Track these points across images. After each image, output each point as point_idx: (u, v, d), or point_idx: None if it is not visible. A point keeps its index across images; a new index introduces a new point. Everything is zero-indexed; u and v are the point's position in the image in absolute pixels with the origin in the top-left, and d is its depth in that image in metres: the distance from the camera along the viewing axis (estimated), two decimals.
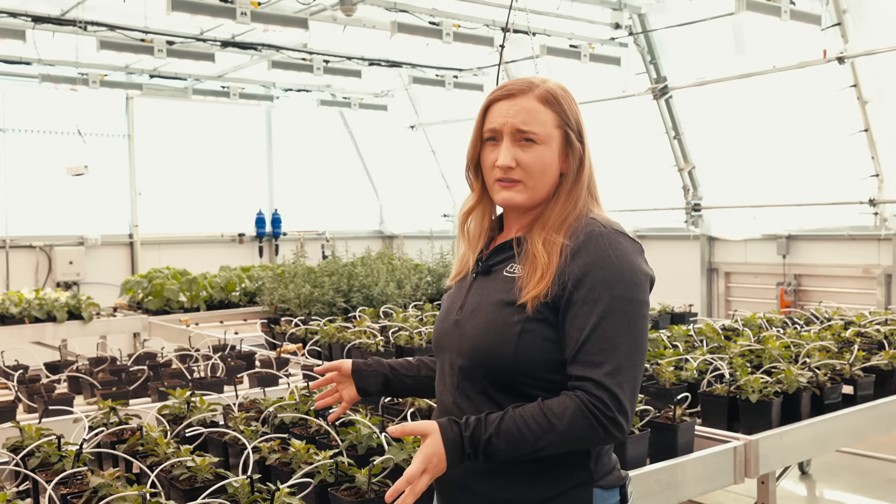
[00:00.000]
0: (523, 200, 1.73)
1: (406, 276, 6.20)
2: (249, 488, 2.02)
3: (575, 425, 1.55)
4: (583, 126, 1.76)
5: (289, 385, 3.49)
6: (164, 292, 6.57)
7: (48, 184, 10.23)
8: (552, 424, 1.55)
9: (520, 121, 1.70)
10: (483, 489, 1.68)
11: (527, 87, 1.73)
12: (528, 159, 1.70)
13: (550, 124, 1.71)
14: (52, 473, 2.26)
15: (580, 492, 1.66)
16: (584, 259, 1.62)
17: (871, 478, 5.46)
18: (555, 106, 1.72)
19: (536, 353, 1.64)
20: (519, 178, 1.71)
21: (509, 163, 1.70)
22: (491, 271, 1.77)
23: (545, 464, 1.64)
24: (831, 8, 7.27)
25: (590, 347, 1.58)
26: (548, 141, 1.71)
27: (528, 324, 1.64)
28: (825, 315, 4.89)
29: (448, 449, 1.56)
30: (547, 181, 1.73)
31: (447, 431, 1.57)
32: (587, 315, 1.59)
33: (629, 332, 1.60)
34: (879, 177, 7.69)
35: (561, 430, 1.55)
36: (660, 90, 8.89)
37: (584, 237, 1.65)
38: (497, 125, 1.72)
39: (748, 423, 2.91)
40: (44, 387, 3.61)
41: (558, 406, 1.57)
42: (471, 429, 1.56)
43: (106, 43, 7.69)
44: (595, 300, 1.59)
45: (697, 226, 9.25)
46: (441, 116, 11.46)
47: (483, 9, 8.04)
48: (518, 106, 1.71)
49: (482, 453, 1.56)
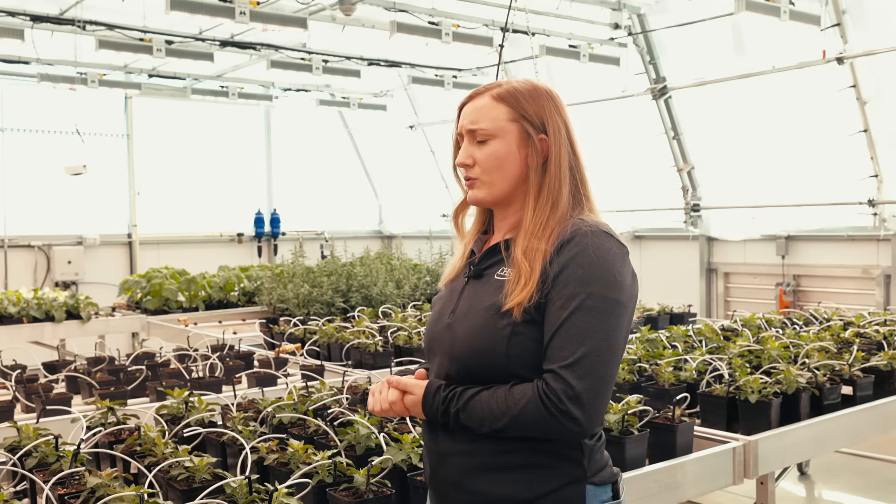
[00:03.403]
0: (485, 196, 1.77)
1: (405, 276, 6.20)
2: (247, 488, 2.02)
3: (527, 412, 1.59)
4: (549, 121, 1.73)
5: (287, 385, 3.49)
6: (162, 292, 6.56)
7: (47, 183, 10.22)
8: (509, 408, 1.61)
9: (470, 120, 1.76)
10: (476, 487, 1.68)
11: (486, 88, 1.79)
12: (481, 155, 1.75)
13: (502, 118, 1.74)
14: (50, 473, 2.26)
15: (573, 488, 1.66)
16: (565, 256, 1.64)
17: (870, 478, 5.46)
18: (509, 101, 1.75)
19: (527, 355, 1.64)
20: (476, 175, 1.77)
21: (464, 160, 1.77)
22: (483, 275, 1.77)
23: (538, 460, 1.65)
24: (830, 8, 7.27)
25: (557, 341, 1.60)
26: (500, 135, 1.74)
27: (517, 327, 1.64)
28: (824, 315, 4.89)
29: (425, 410, 1.72)
30: (506, 175, 1.74)
31: (427, 397, 1.71)
32: (560, 310, 1.61)
33: (599, 328, 1.59)
34: (878, 177, 7.69)
35: (515, 414, 1.60)
36: (659, 90, 8.89)
37: (569, 236, 1.66)
38: (459, 128, 1.80)
39: (747, 423, 2.91)
40: (42, 386, 3.60)
41: (519, 392, 1.62)
42: (446, 402, 1.69)
43: (105, 42, 7.67)
44: (570, 296, 1.61)
45: (696, 226, 9.24)
46: (440, 116, 11.46)
47: (482, 9, 8.04)
48: (473, 107, 1.77)
49: (452, 423, 1.69)
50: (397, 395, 1.73)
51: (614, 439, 2.49)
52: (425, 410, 1.71)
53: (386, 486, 2.18)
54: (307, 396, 3.02)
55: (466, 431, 1.68)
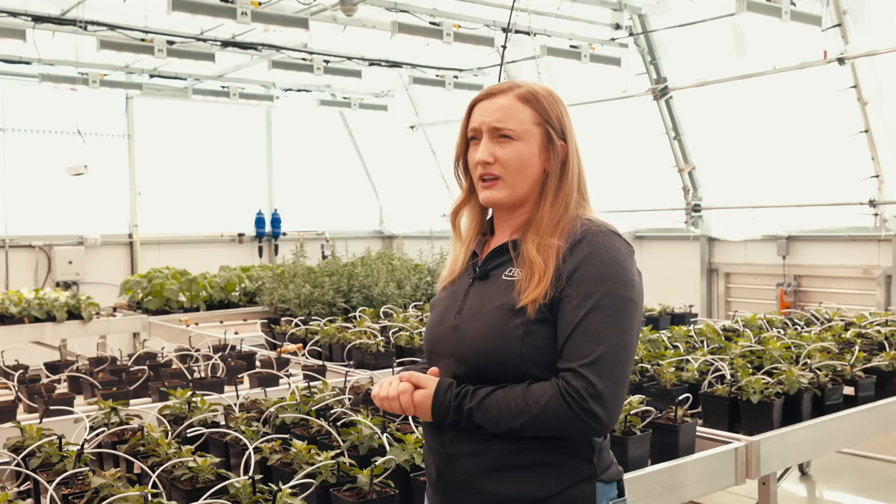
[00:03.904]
0: (504, 197, 1.76)
1: (406, 276, 6.20)
2: (251, 489, 2.02)
3: (549, 410, 1.59)
4: (567, 127, 1.77)
5: (290, 385, 3.49)
6: (163, 292, 6.56)
7: (48, 183, 10.22)
8: (529, 407, 1.60)
9: (496, 118, 1.74)
10: (487, 487, 1.68)
11: (508, 87, 1.77)
12: (506, 155, 1.73)
13: (528, 121, 1.74)
14: (54, 474, 2.26)
15: (584, 486, 1.68)
16: (578, 256, 1.65)
17: (871, 478, 5.46)
18: (534, 104, 1.75)
19: (541, 354, 1.65)
20: (498, 173, 1.74)
21: (486, 158, 1.74)
22: (489, 276, 1.77)
23: (550, 459, 1.66)
24: (832, 9, 7.27)
25: (575, 340, 1.61)
26: (525, 137, 1.74)
27: (530, 325, 1.65)
28: (825, 316, 4.89)
29: (434, 409, 1.69)
30: (527, 177, 1.75)
31: (439, 393, 1.68)
32: (576, 309, 1.62)
33: (616, 327, 1.62)
34: (879, 178, 7.69)
35: (535, 412, 1.60)
36: (660, 91, 8.89)
37: (580, 236, 1.68)
38: (477, 124, 1.77)
39: (749, 423, 2.91)
40: (44, 387, 3.61)
41: (539, 390, 1.61)
42: (459, 398, 1.66)
43: (106, 42, 7.68)
44: (585, 295, 1.62)
45: (697, 226, 9.25)
46: (441, 117, 11.46)
47: (483, 9, 8.04)
48: (496, 105, 1.75)
49: (464, 421, 1.66)
50: (408, 386, 1.71)
51: (617, 439, 2.49)
52: (435, 406, 1.68)
53: (389, 486, 2.18)
54: (309, 397, 3.02)
55: (476, 431, 1.67)
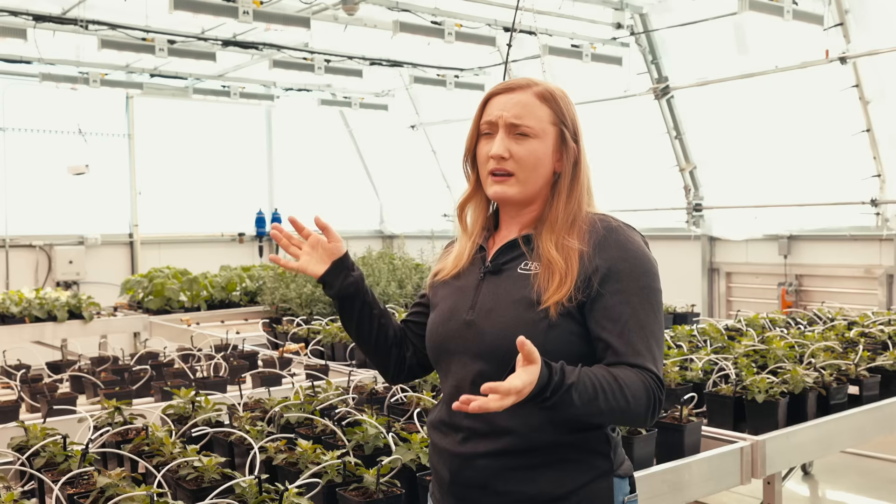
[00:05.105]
0: (514, 194, 1.74)
1: (407, 275, 6.19)
2: (257, 488, 2.01)
3: (639, 399, 1.57)
4: (579, 128, 1.79)
5: (293, 385, 3.48)
6: (164, 292, 6.56)
7: (48, 183, 10.20)
8: (623, 392, 1.54)
9: (514, 114, 1.72)
10: (506, 487, 1.66)
11: (526, 83, 1.76)
12: (521, 152, 1.72)
13: (546, 120, 1.74)
14: (59, 473, 2.25)
15: (602, 482, 1.68)
16: (608, 253, 1.66)
17: (874, 478, 5.46)
18: (552, 103, 1.75)
19: (564, 347, 1.63)
20: (511, 170, 1.72)
21: (502, 153, 1.71)
22: (502, 270, 1.75)
23: (570, 455, 1.65)
24: (834, 8, 7.27)
25: (630, 336, 1.62)
26: (542, 136, 1.73)
27: (554, 320, 1.64)
28: (828, 315, 4.88)
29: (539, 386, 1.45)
30: (539, 176, 1.74)
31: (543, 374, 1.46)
32: (623, 305, 1.64)
33: (657, 321, 1.67)
34: (881, 177, 7.68)
35: (629, 397, 1.54)
36: (661, 90, 8.88)
37: (604, 233, 1.69)
38: (493, 118, 1.74)
39: (754, 423, 2.90)
40: (46, 386, 3.60)
41: (628, 377, 1.56)
42: (558, 373, 1.48)
43: (107, 42, 7.67)
44: (625, 291, 1.64)
45: (699, 226, 9.24)
46: (442, 116, 11.44)
47: (485, 8, 8.03)
48: (514, 100, 1.73)
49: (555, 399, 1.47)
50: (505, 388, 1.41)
51: (623, 439, 2.48)
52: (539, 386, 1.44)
53: (395, 485, 2.17)
54: (313, 396, 3.02)
55: (491, 431, 1.64)
